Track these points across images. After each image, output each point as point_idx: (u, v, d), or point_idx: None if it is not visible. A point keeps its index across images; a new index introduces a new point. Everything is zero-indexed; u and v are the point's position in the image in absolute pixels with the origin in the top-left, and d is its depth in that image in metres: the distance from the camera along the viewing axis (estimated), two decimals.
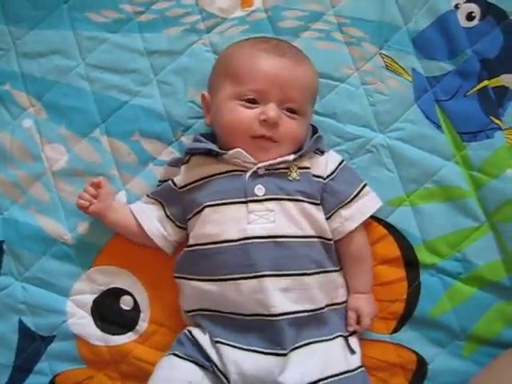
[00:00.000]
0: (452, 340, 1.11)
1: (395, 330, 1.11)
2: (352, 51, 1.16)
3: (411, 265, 1.11)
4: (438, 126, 1.14)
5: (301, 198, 1.01)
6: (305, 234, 1.00)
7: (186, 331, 1.04)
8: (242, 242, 0.98)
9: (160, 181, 1.12)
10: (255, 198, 1.00)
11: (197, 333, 1.02)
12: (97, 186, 1.11)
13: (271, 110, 1.00)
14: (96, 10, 1.18)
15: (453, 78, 1.15)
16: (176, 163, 1.09)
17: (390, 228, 1.12)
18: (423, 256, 1.12)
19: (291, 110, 1.02)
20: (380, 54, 1.16)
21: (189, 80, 1.15)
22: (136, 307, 1.13)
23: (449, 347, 1.11)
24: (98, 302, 1.14)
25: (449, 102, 1.14)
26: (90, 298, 1.14)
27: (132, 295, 1.13)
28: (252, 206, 1.00)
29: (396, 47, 1.16)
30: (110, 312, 1.14)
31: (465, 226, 1.12)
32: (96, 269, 1.14)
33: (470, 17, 1.16)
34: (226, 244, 0.99)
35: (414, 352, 1.11)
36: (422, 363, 1.11)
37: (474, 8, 1.17)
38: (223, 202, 1.01)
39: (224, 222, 1.00)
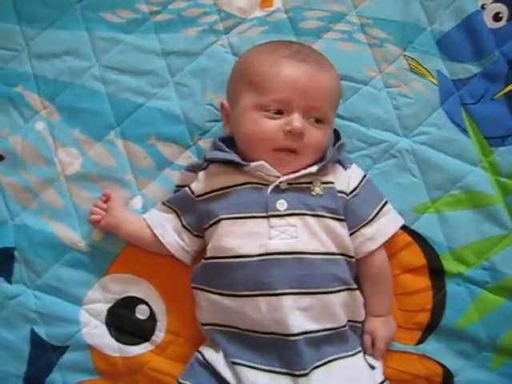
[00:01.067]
0: (479, 352, 1.08)
1: (420, 341, 1.08)
2: (375, 53, 1.13)
3: (437, 273, 1.08)
4: (464, 131, 1.11)
5: (324, 213, 0.98)
6: (328, 250, 0.97)
7: (198, 354, 1.01)
8: (262, 257, 0.95)
9: (177, 186, 1.09)
10: (277, 212, 0.96)
11: (210, 355, 0.99)
12: (106, 198, 1.09)
13: (296, 121, 0.96)
14: (111, 9, 1.15)
15: (479, 80, 1.12)
16: (194, 168, 1.05)
17: (415, 235, 1.09)
18: (449, 264, 1.08)
19: (316, 119, 0.99)
20: (404, 55, 1.13)
21: (207, 82, 1.13)
22: (152, 317, 1.10)
23: (476, 359, 1.08)
24: (112, 311, 1.10)
25: (475, 106, 1.11)
26: (104, 307, 1.10)
27: (148, 304, 1.10)
28: (274, 220, 0.96)
29: (420, 49, 1.13)
30: (125, 321, 1.10)
31: (492, 234, 1.09)
32: (110, 277, 1.11)
33: (497, 17, 1.13)
34: (245, 259, 0.95)
35: (440, 364, 1.08)
36: (448, 375, 1.08)
37: (502, 8, 1.14)
38: (242, 215, 0.97)
39: (243, 236, 0.96)
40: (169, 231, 1.04)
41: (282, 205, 0.97)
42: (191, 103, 1.12)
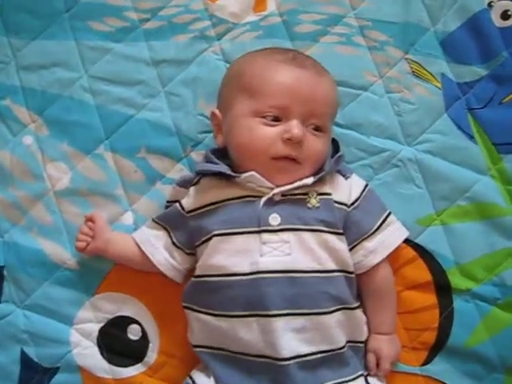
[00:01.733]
0: (490, 373, 1.02)
1: (426, 362, 1.03)
2: (375, 56, 1.09)
3: (443, 290, 1.03)
4: (471, 137, 1.06)
5: (321, 227, 0.93)
6: (324, 268, 0.92)
7: (189, 380, 0.97)
8: (253, 276, 0.90)
9: (168, 201, 1.05)
10: (269, 227, 0.92)
11: (201, 380, 0.95)
12: (90, 221, 1.05)
13: (296, 128, 0.91)
14: (99, 18, 1.12)
15: (487, 83, 1.07)
16: (185, 184, 1.01)
17: (420, 250, 1.04)
18: (457, 280, 1.03)
19: (315, 127, 0.94)
20: (406, 58, 1.09)
21: (199, 91, 1.09)
22: (144, 337, 1.06)
23: (486, 381, 1.02)
24: (103, 331, 1.07)
25: (483, 111, 1.06)
26: (95, 327, 1.07)
27: (140, 324, 1.06)
28: (266, 236, 0.91)
29: (423, 51, 1.08)
30: (116, 342, 1.06)
31: (502, 247, 1.03)
32: (101, 296, 1.07)
33: (505, 15, 1.07)
34: (235, 277, 0.91)
35: None
36: None
37: (510, 6, 1.08)
38: (234, 231, 0.92)
39: (234, 254, 0.92)
40: (159, 249, 1.01)
41: (274, 219, 0.92)
42: (183, 114, 1.09)
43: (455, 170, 1.05)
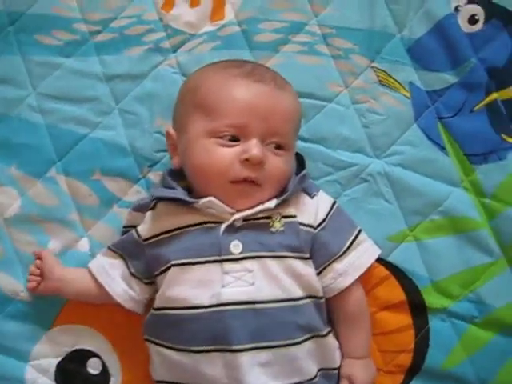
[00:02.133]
0: None
1: None
2: (340, 65, 1.04)
3: (418, 309, 1.00)
4: (442, 148, 1.02)
5: (285, 253, 0.88)
6: (290, 296, 0.87)
7: None
8: (215, 308, 0.85)
9: (125, 226, 0.99)
10: (231, 256, 0.86)
11: None
12: (38, 258, 0.99)
13: (254, 148, 0.86)
14: (46, 31, 1.06)
15: (456, 91, 1.03)
16: (141, 208, 0.95)
17: (392, 268, 1.00)
18: (432, 299, 1.00)
19: (276, 146, 0.89)
20: (372, 67, 1.05)
21: (155, 107, 1.04)
22: (105, 371, 1.00)
23: None
24: (61, 366, 1.00)
25: (453, 120, 1.03)
26: (52, 362, 1.01)
27: (100, 357, 1.00)
28: (227, 265, 0.86)
29: (390, 59, 1.04)
30: (75, 377, 1.01)
31: (478, 263, 1.00)
32: (58, 328, 1.01)
33: (472, 20, 1.04)
34: (196, 310, 0.85)
35: None
36: None
37: (477, 10, 1.04)
38: (194, 260, 0.87)
39: (195, 285, 0.86)
40: (116, 279, 0.95)
41: (236, 247, 0.87)
42: (138, 132, 1.04)
43: (427, 183, 1.02)
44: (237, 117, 0.87)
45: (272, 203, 0.88)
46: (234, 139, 0.87)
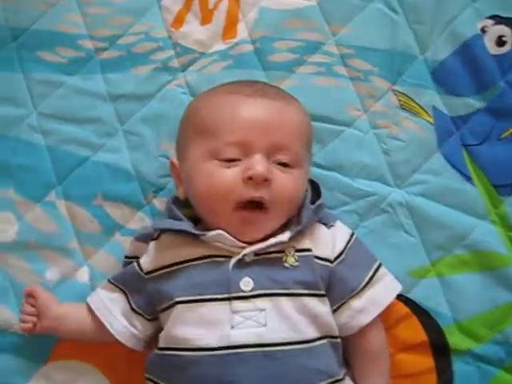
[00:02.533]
0: None
1: None
2: (359, 88, 1.00)
3: (441, 351, 0.94)
4: (468, 178, 0.97)
5: (300, 290, 0.82)
6: (305, 337, 0.80)
7: None
8: (223, 351, 0.78)
9: (126, 257, 0.93)
10: (241, 293, 0.80)
11: None
12: (31, 296, 0.92)
13: (258, 163, 0.80)
14: (50, 48, 1.02)
15: (483, 117, 0.98)
16: (144, 238, 0.89)
17: (413, 305, 0.94)
18: (456, 340, 0.94)
19: (284, 163, 0.83)
20: (393, 90, 1.00)
21: (161, 129, 0.99)
22: None
23: None
24: None
25: (479, 147, 0.97)
26: None
27: None
28: (237, 304, 0.80)
29: (412, 81, 1.00)
30: None
31: (506, 301, 0.94)
32: (54, 364, 0.96)
33: (500, 42, 0.99)
34: (203, 353, 0.79)
35: None
36: None
37: (505, 31, 0.99)
38: (200, 297, 0.81)
39: (201, 325, 0.80)
40: (116, 316, 0.88)
41: (247, 284, 0.81)
42: (143, 155, 0.99)
43: (451, 215, 0.96)
44: (237, 133, 0.81)
45: (285, 236, 0.82)
46: (236, 159, 0.82)
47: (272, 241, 0.82)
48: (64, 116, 1.00)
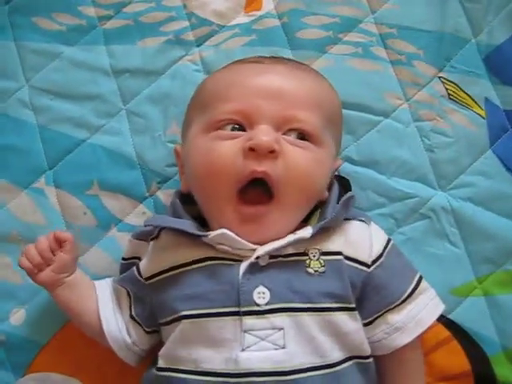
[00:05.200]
0: None
1: None
2: (400, 73, 0.92)
3: (486, 383, 0.84)
4: None
5: (326, 304, 0.70)
6: (330, 361, 0.69)
7: None
8: (231, 379, 0.67)
9: (124, 258, 0.82)
10: (255, 308, 0.68)
11: None
12: (57, 243, 0.79)
13: (262, 133, 0.68)
14: (47, 13, 0.95)
15: None
16: (143, 236, 0.78)
17: (455, 328, 0.85)
18: (503, 371, 0.84)
19: (299, 135, 0.71)
20: (439, 77, 0.92)
21: (170, 111, 0.91)
22: None
23: None
24: None
25: None
26: None
27: None
28: (249, 321, 0.68)
29: (462, 68, 0.92)
30: None
31: None
32: (34, 376, 0.87)
33: None
34: (207, 378, 0.68)
35: None
36: None
37: None
38: (204, 311, 0.69)
39: (207, 344, 0.69)
40: (117, 319, 0.77)
41: (261, 296, 0.68)
42: (148, 140, 0.91)
43: (503, 225, 0.88)
44: (240, 100, 0.71)
45: (307, 232, 0.70)
46: (239, 128, 0.71)
47: (290, 238, 0.69)
48: (59, 91, 0.93)
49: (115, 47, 0.94)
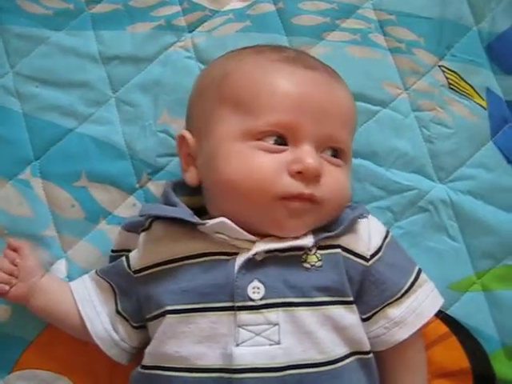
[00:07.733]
0: None
1: None
2: (399, 62, 0.90)
3: (485, 381, 0.84)
4: None
5: (324, 298, 0.69)
6: (329, 357, 0.68)
7: None
8: (225, 374, 0.66)
9: (113, 251, 0.81)
10: (249, 303, 0.67)
11: None
12: (14, 252, 0.81)
13: (309, 156, 0.68)
14: None
15: None
16: (133, 227, 0.77)
17: (453, 324, 0.84)
18: (503, 368, 0.83)
19: (334, 153, 0.73)
20: (440, 66, 0.91)
21: (161, 99, 0.89)
22: None
23: None
24: None
25: None
26: None
27: None
28: (244, 316, 0.67)
29: (463, 57, 0.91)
30: None
31: None
32: (20, 374, 0.86)
33: None
34: (199, 374, 0.67)
35: None
36: None
37: None
38: (196, 306, 0.68)
39: (198, 340, 0.68)
40: (100, 316, 0.76)
41: (256, 290, 0.67)
42: (138, 129, 0.89)
43: (503, 219, 0.87)
44: (285, 112, 0.69)
45: (308, 240, 0.69)
46: (281, 142, 0.70)
47: (292, 243, 0.69)
48: (46, 78, 0.91)
49: (104, 33, 0.92)
